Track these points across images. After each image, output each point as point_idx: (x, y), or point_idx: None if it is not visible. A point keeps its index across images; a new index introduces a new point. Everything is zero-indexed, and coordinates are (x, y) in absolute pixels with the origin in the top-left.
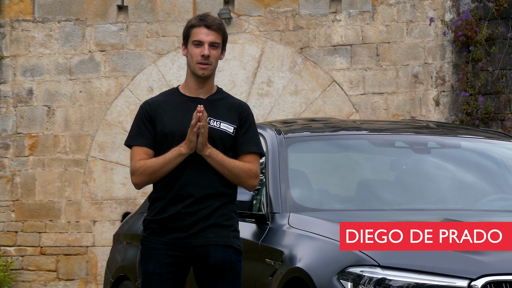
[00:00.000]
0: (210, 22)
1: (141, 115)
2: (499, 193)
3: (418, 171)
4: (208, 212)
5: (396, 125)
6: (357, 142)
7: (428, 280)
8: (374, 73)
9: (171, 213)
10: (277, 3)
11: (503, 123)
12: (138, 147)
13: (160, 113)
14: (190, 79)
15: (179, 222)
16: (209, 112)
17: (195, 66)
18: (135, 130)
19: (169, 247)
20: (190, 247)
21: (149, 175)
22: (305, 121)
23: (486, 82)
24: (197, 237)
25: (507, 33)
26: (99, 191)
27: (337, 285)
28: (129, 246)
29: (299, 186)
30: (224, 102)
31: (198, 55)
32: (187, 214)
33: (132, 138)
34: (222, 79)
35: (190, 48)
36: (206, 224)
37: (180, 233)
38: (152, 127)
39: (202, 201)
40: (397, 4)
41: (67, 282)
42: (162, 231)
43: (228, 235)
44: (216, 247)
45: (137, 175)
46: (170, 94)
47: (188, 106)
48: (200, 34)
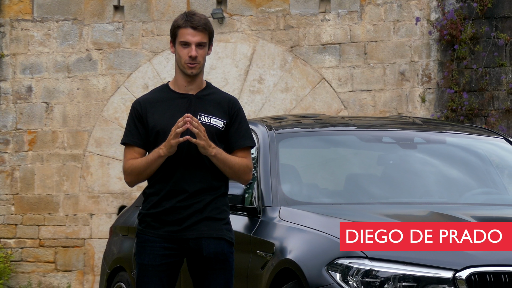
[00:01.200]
0: (196, 23)
1: (132, 115)
2: (482, 187)
3: (404, 166)
4: (201, 206)
5: (383, 121)
6: (346, 137)
7: (414, 271)
8: (362, 71)
9: (165, 207)
10: (268, 3)
11: (486, 119)
12: (130, 147)
13: (151, 111)
14: (179, 77)
15: (174, 216)
16: (200, 107)
17: (184, 66)
18: (127, 129)
19: (164, 239)
20: (184, 239)
21: (136, 175)
22: (295, 117)
23: (471, 80)
24: (191, 230)
25: (491, 32)
26: (96, 185)
27: (326, 276)
28: (125, 239)
29: (290, 181)
30: (213, 97)
31: (186, 56)
32: (181, 208)
33: (124, 137)
34: (215, 77)
35: (178, 48)
36: (200, 218)
37: (175, 226)
38: (143, 126)
39: (196, 196)
40: (384, 4)
41: (65, 273)
42: (157, 225)
43: (220, 228)
44: (209, 239)
45: (127, 175)
46: (161, 91)
47: (178, 102)
48: (187, 35)
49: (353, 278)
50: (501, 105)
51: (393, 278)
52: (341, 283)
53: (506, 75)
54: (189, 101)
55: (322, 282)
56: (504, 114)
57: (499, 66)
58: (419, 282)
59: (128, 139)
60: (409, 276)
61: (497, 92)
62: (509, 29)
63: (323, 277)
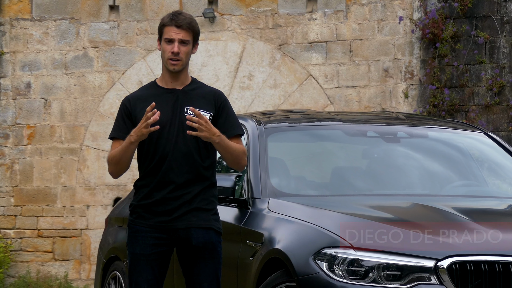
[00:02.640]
0: (180, 21)
1: (121, 111)
2: (463, 179)
3: (388, 159)
4: (190, 197)
5: (368, 116)
6: (332, 132)
7: (397, 260)
8: (347, 68)
9: (156, 198)
10: (257, 3)
11: (467, 114)
12: (116, 141)
13: (140, 107)
14: (165, 73)
15: (164, 207)
16: (186, 102)
17: (167, 62)
18: (115, 124)
19: (155, 229)
20: (174, 229)
21: (115, 164)
22: (283, 112)
23: (452, 76)
24: (180, 221)
25: (471, 31)
26: (92, 177)
27: (313, 265)
28: (120, 229)
29: (278, 173)
30: (199, 91)
31: (169, 52)
32: (171, 199)
33: (112, 132)
34: (207, 74)
35: (163, 44)
36: (189, 208)
37: (165, 217)
38: (131, 122)
39: (184, 187)
40: (369, 4)
41: (63, 262)
42: (148, 215)
43: (209, 218)
44: (198, 229)
45: (109, 165)
46: (149, 87)
47: (165, 97)
48: (170, 32)
49: (339, 267)
50: (481, 101)
51: (377, 267)
52: (328, 272)
53: (485, 72)
54: (176, 95)
55: (309, 271)
56: (484, 110)
57: (479, 64)
58: (402, 271)
59: (116, 133)
60: (393, 265)
61: (477, 88)
62: (488, 28)
63: (310, 266)
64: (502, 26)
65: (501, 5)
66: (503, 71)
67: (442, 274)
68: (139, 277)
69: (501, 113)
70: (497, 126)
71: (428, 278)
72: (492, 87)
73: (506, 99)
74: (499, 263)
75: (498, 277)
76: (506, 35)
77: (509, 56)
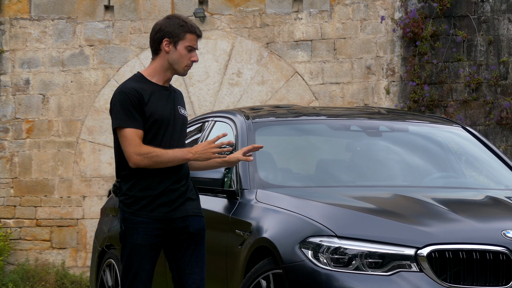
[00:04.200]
0: (199, 32)
1: (130, 100)
2: (442, 171)
3: (370, 152)
4: (185, 188)
5: (351, 111)
6: (317, 126)
7: (379, 248)
8: (331, 65)
9: (159, 190)
10: (245, 3)
11: (446, 110)
12: (134, 130)
13: (146, 100)
14: (165, 72)
15: (165, 198)
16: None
17: (183, 68)
18: (127, 114)
19: (156, 220)
20: (172, 219)
21: (154, 163)
22: (270, 107)
23: (431, 73)
24: (179, 210)
25: (450, 30)
26: (88, 169)
27: (299, 253)
28: (114, 219)
29: (266, 166)
30: (177, 91)
31: (189, 60)
32: (171, 191)
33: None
34: (197, 71)
35: (181, 50)
36: (184, 199)
37: (165, 208)
38: (142, 112)
39: (181, 180)
40: (352, 4)
41: (60, 250)
42: (151, 207)
43: (199, 206)
44: (194, 217)
45: (143, 158)
46: (141, 81)
47: (163, 94)
48: (193, 41)
49: (323, 255)
50: (459, 97)
51: (360, 255)
52: (313, 260)
53: (463, 69)
54: (171, 93)
55: (295, 259)
56: (462, 105)
57: (457, 61)
58: (384, 259)
59: (134, 124)
60: (375, 253)
61: (455, 84)
62: (466, 27)
63: (296, 254)
64: (479, 25)
65: (478, 5)
66: (480, 68)
67: (422, 261)
68: (139, 266)
69: (478, 108)
70: (475, 121)
71: (409, 265)
72: (470, 84)
73: (483, 95)
74: (476, 252)
75: (475, 264)
76: (483, 34)
77: (486, 54)
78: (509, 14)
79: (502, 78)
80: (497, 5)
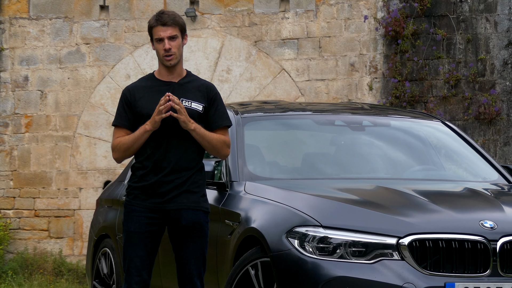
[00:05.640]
0: (165, 19)
1: (122, 100)
2: (422, 164)
3: (354, 146)
4: (181, 181)
5: (335, 106)
6: (303, 121)
7: (363, 238)
8: (317, 62)
9: (151, 181)
10: (235, 3)
11: (426, 105)
12: (119, 128)
13: (138, 96)
14: (161, 68)
15: (158, 189)
16: (181, 93)
17: (163, 59)
18: (117, 113)
19: (148, 210)
20: (166, 210)
21: (123, 151)
22: (258, 103)
23: (412, 70)
24: (172, 202)
25: (430, 28)
26: (84, 162)
27: (286, 242)
28: (109, 209)
29: (254, 159)
30: (193, 84)
31: (162, 50)
32: (164, 182)
33: (115, 119)
34: (188, 67)
35: (155, 44)
36: (180, 191)
37: (158, 199)
38: (131, 111)
39: (178, 172)
40: (337, 4)
41: (57, 239)
42: (143, 196)
43: (198, 200)
44: (188, 210)
45: (115, 151)
46: (147, 79)
47: (161, 89)
48: (159, 32)
49: (309, 244)
50: (438, 93)
51: (344, 244)
52: (299, 249)
53: (443, 66)
54: (171, 88)
55: (282, 248)
56: (442, 101)
57: (437, 58)
58: (367, 248)
59: (118, 121)
60: (359, 242)
61: (435, 81)
62: (445, 26)
63: (283, 243)
64: (458, 24)
65: (457, 5)
66: (459, 66)
67: (403, 250)
68: (133, 253)
69: (457, 104)
70: (454, 116)
71: (391, 254)
72: (449, 80)
73: (462, 91)
74: (455, 241)
75: (454, 253)
76: (461, 33)
77: (464, 52)
78: (486, 14)
79: (480, 75)
80: (475, 5)
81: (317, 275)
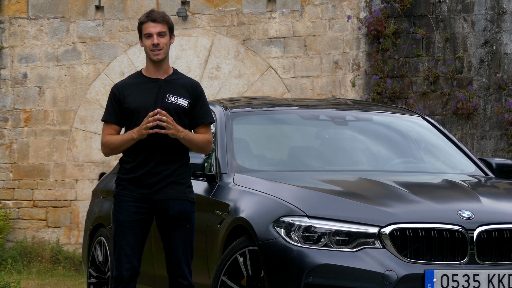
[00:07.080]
0: (155, 16)
1: (110, 97)
2: (403, 157)
3: (338, 140)
4: (168, 173)
5: (320, 102)
6: (289, 116)
7: (346, 227)
8: (302, 60)
9: (139, 173)
10: (224, 3)
11: (406, 101)
12: (108, 123)
13: (127, 93)
14: (149, 64)
15: (145, 181)
16: (168, 90)
17: (150, 54)
18: (106, 109)
19: (137, 200)
20: (154, 201)
21: (111, 149)
22: (247, 99)
23: (393, 68)
24: (159, 193)
25: (410, 28)
26: (80, 155)
27: (273, 231)
28: (104, 200)
29: (242, 152)
30: (179, 81)
31: (150, 45)
32: (152, 174)
33: (104, 115)
34: (180, 65)
35: (144, 40)
36: (167, 182)
37: (146, 190)
38: (119, 107)
39: (164, 164)
40: (321, 4)
41: (55, 229)
42: (132, 187)
43: (184, 190)
44: (175, 200)
45: (104, 147)
46: (135, 76)
47: (149, 86)
48: (148, 28)
49: (295, 233)
50: (418, 89)
51: (329, 233)
52: (285, 237)
53: (422, 64)
54: (158, 84)
55: (269, 237)
56: (421, 97)
57: (417, 57)
58: (350, 237)
59: (107, 117)
60: (342, 232)
61: (415, 78)
62: (425, 26)
63: (270, 232)
64: (437, 24)
65: (436, 5)
66: (438, 63)
67: (385, 239)
68: (123, 241)
69: (436, 100)
70: (433, 111)
71: (373, 242)
72: (428, 77)
73: (441, 88)
74: (434, 230)
75: (433, 242)
76: (440, 32)
77: (443, 50)
78: (464, 14)
79: (458, 72)
80: (453, 5)
81: (302, 263)
